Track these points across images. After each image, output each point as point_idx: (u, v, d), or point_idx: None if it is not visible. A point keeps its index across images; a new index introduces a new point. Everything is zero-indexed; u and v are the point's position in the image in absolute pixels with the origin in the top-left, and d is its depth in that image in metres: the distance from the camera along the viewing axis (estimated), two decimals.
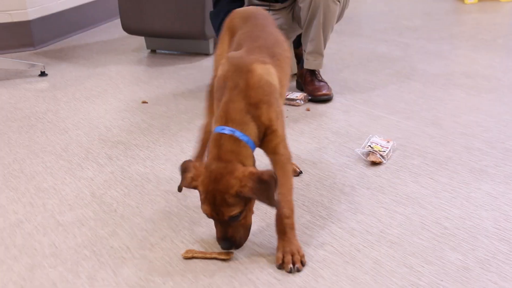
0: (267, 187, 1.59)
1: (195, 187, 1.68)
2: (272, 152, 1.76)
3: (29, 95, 3.44)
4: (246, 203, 1.65)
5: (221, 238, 1.68)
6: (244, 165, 1.65)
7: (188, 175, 1.69)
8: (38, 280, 1.70)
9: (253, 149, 1.70)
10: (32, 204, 2.15)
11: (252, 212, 1.73)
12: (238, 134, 1.66)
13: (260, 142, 1.74)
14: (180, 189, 1.74)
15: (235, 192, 1.60)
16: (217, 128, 1.68)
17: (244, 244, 1.82)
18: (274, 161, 1.77)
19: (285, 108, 2.27)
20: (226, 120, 1.68)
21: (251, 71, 1.72)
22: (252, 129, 1.69)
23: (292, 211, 1.75)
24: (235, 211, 1.63)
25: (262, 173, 1.60)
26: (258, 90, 1.70)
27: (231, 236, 1.68)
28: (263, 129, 1.71)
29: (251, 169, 1.63)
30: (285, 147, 1.78)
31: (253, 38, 1.93)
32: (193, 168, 1.68)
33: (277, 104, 1.75)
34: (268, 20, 2.08)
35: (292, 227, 1.75)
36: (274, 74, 1.79)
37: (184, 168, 1.71)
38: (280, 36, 2.01)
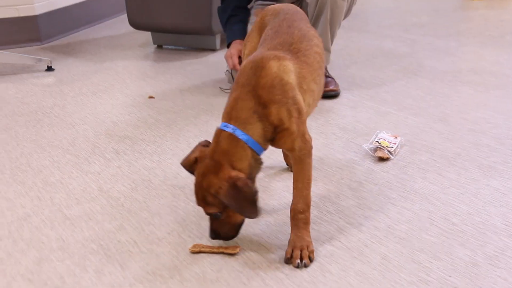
0: (239, 195, 1.57)
1: (192, 172, 1.71)
2: (288, 150, 1.73)
3: (36, 90, 3.44)
4: (221, 206, 1.64)
5: (210, 229, 1.71)
6: (234, 167, 1.62)
7: (192, 156, 1.71)
8: (45, 274, 1.70)
9: (256, 150, 1.66)
10: (39, 198, 2.15)
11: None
12: (238, 133, 1.63)
13: (271, 141, 1.71)
14: (182, 163, 1.75)
15: (214, 192, 1.60)
16: (221, 124, 1.67)
17: (251, 239, 1.82)
18: (291, 157, 1.75)
19: None
20: (230, 117, 1.66)
21: (266, 68, 1.67)
22: (256, 129, 1.65)
23: (308, 206, 1.74)
24: (212, 210, 1.64)
25: (238, 178, 1.58)
26: (269, 89, 1.66)
27: (215, 229, 1.71)
28: (271, 129, 1.67)
29: (233, 173, 1.60)
30: (304, 141, 1.72)
31: (277, 33, 1.88)
32: (199, 152, 1.70)
33: (293, 101, 1.68)
34: (297, 15, 2.01)
35: (306, 222, 1.74)
36: (292, 72, 1.72)
37: (195, 147, 1.74)
38: (309, 31, 1.94)
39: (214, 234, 1.71)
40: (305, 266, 1.68)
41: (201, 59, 3.98)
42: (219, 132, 1.65)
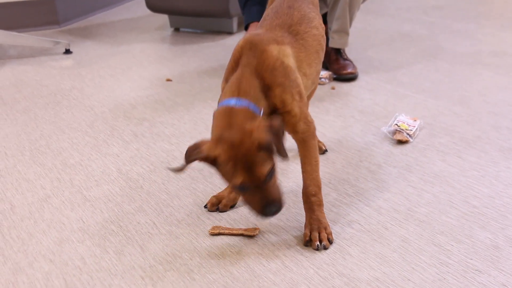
0: (277, 135, 1.51)
1: (214, 158, 1.52)
2: (291, 131, 1.71)
3: (54, 73, 3.45)
4: (271, 157, 1.52)
5: (267, 203, 1.52)
6: None
7: (200, 148, 1.53)
8: (66, 254, 1.72)
9: None
10: (59, 180, 2.17)
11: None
12: (253, 107, 1.58)
13: None
14: (182, 169, 1.56)
15: (257, 145, 1.49)
16: (225, 101, 1.59)
17: (271, 221, 1.82)
18: (295, 139, 1.74)
19: None
20: (239, 92, 1.59)
21: (266, 51, 1.64)
22: (265, 107, 1.62)
23: (319, 188, 1.74)
24: (268, 166, 1.50)
25: (271, 122, 1.52)
26: (272, 72, 1.63)
27: (274, 199, 1.52)
28: (272, 109, 1.64)
29: (262, 121, 1.52)
30: (306, 123, 1.70)
31: (277, 14, 1.85)
32: (202, 143, 1.53)
33: (295, 84, 1.67)
34: None
35: (320, 204, 1.74)
36: (290, 55, 1.71)
37: (191, 147, 1.55)
38: (309, 12, 1.90)
39: (276, 205, 1.53)
40: (325, 248, 1.67)
41: (218, 42, 3.97)
42: (229, 109, 1.56)
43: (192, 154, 1.54)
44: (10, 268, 1.67)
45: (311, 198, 1.73)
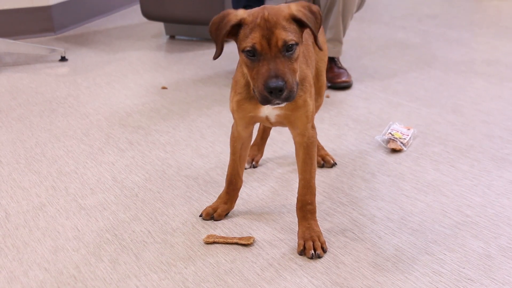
0: (315, 18, 1.54)
1: (240, 21, 1.52)
2: (299, 133, 1.71)
3: (50, 80, 3.46)
4: (300, 37, 1.51)
5: (275, 75, 1.44)
6: None
7: (228, 16, 1.55)
8: (61, 263, 1.72)
9: None
10: (54, 188, 2.17)
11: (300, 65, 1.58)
12: None
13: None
14: (219, 52, 1.63)
15: (289, 15, 1.49)
16: None
17: (265, 230, 1.83)
18: (299, 143, 1.73)
19: None
20: None
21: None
22: None
23: (314, 195, 1.75)
24: (291, 36, 1.47)
25: (311, 4, 1.56)
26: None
27: (283, 74, 1.45)
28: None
29: (302, 2, 1.55)
30: (314, 126, 1.73)
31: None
32: (226, 12, 1.55)
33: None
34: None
35: (313, 212, 1.75)
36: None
37: (216, 20, 1.59)
38: None
39: (281, 80, 1.44)
40: (319, 257, 1.68)
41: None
42: None
43: (222, 25, 1.57)
44: (5, 277, 1.67)
45: (307, 207, 1.74)
